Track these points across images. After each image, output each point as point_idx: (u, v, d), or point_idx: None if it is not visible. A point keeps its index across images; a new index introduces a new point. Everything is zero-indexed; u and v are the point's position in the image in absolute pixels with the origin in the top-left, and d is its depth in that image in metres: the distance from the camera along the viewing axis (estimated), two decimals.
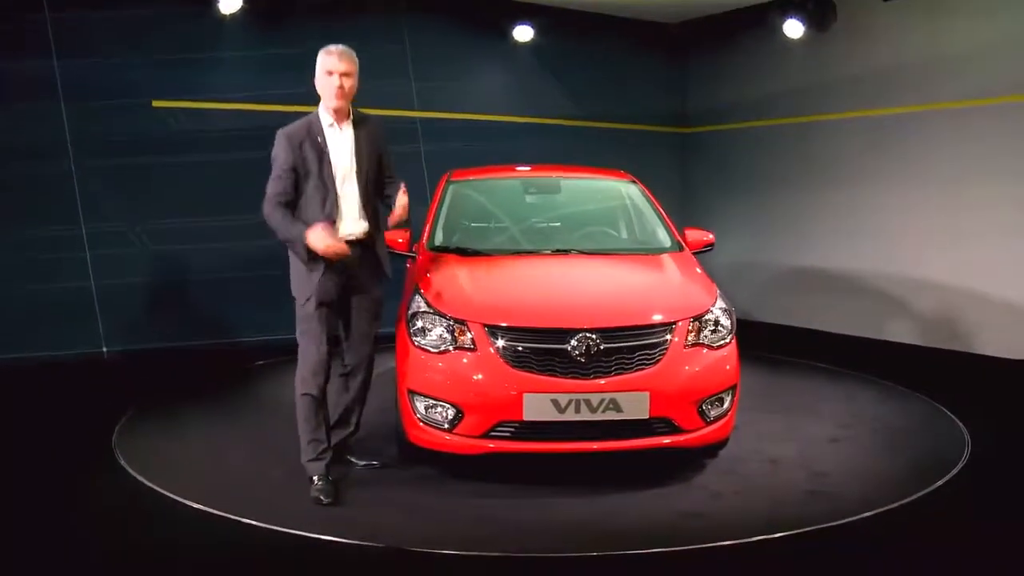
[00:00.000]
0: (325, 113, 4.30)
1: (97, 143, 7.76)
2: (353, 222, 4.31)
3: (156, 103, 8.03)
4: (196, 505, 4.13)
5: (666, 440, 4.32)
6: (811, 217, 9.24)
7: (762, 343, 8.35)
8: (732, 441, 4.87)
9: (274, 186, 4.22)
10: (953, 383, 6.72)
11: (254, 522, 3.92)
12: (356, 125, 4.36)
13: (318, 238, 4.05)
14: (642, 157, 10.20)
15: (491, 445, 4.27)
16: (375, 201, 4.45)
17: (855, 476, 4.62)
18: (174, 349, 7.89)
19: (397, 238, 5.31)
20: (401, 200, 4.30)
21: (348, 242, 4.21)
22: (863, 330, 8.64)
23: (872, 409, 5.97)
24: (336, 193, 4.25)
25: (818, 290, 9.16)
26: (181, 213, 8.03)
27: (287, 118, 4.36)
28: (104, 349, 7.91)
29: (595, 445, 4.27)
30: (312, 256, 4.14)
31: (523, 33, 9.46)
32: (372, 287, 4.45)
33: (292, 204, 4.24)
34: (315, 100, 4.36)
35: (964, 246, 7.79)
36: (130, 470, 4.64)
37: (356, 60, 4.31)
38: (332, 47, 4.25)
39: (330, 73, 4.22)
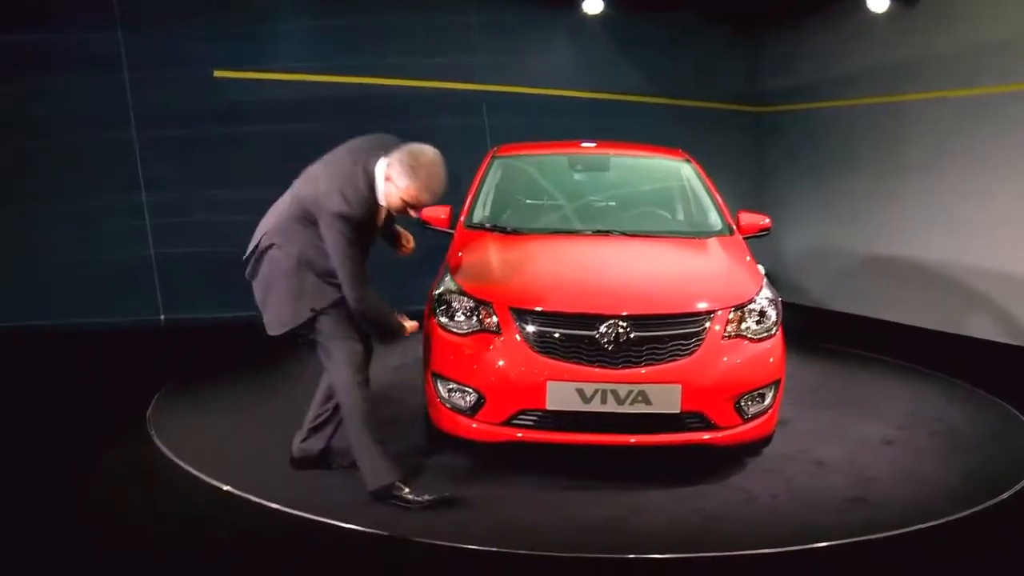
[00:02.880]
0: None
1: (158, 113, 7.82)
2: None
3: (218, 73, 8.06)
4: (216, 483, 4.08)
5: (698, 437, 4.07)
6: (889, 203, 8.72)
7: (831, 333, 7.97)
8: (778, 438, 4.60)
9: (359, 265, 3.85)
10: None
11: (267, 503, 3.86)
12: None
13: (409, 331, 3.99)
14: (714, 137, 9.85)
15: (513, 434, 4.09)
16: None
17: (905, 483, 4.29)
18: (230, 319, 7.92)
19: (439, 214, 5.17)
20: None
21: None
22: (938, 323, 8.13)
23: (936, 410, 5.57)
24: (368, 244, 4.02)
25: (894, 279, 8.65)
26: (239, 184, 8.03)
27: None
28: (162, 317, 8.01)
29: (621, 439, 4.04)
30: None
31: (593, 5, 9.16)
32: None
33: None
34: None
35: None
36: (159, 443, 4.63)
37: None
38: (436, 170, 3.82)
39: (414, 204, 3.85)
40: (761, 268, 8.75)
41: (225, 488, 4.03)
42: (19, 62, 7.35)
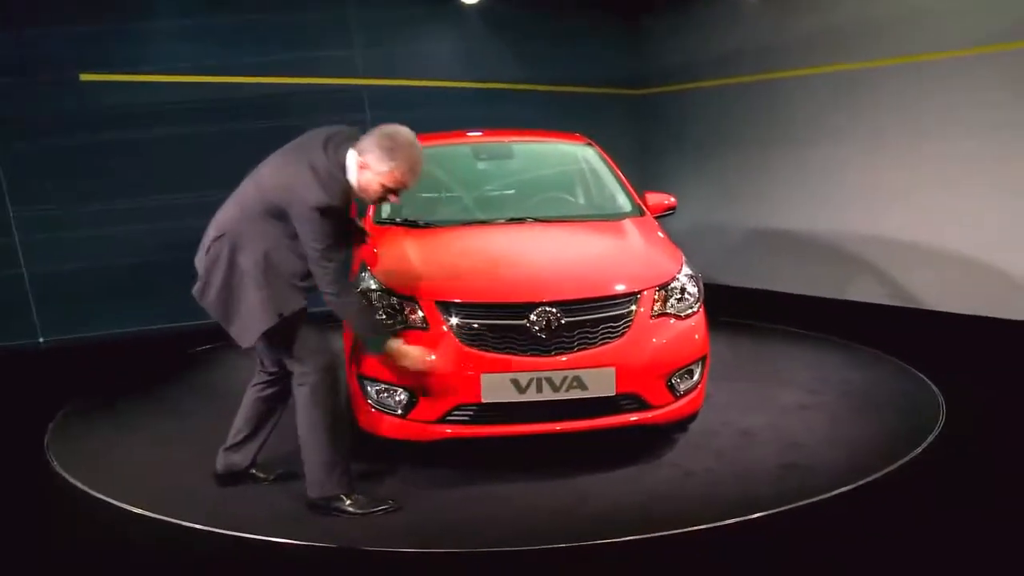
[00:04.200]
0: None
1: (21, 122, 7.32)
2: None
3: (84, 77, 7.60)
4: (131, 508, 3.84)
5: (635, 417, 4.07)
6: (771, 178, 9.04)
7: (725, 307, 8.17)
8: (702, 412, 4.65)
9: (338, 262, 3.63)
10: (917, 342, 6.55)
11: (197, 525, 3.65)
12: None
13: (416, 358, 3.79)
14: (597, 121, 9.92)
15: (448, 430, 4.00)
16: None
17: (829, 446, 4.42)
18: (115, 336, 7.54)
19: None
20: None
21: None
22: (825, 290, 8.49)
23: (840, 373, 5.79)
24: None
25: (779, 251, 8.98)
26: (116, 194, 7.62)
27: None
28: (40, 339, 7.53)
29: (559, 426, 4.00)
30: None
31: None
32: None
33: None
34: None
35: (922, 201, 7.63)
36: (62, 471, 4.32)
37: None
38: (416, 150, 3.60)
39: (396, 188, 3.62)
40: None
41: (140, 512, 3.79)
42: None
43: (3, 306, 7.34)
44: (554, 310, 3.95)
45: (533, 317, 3.94)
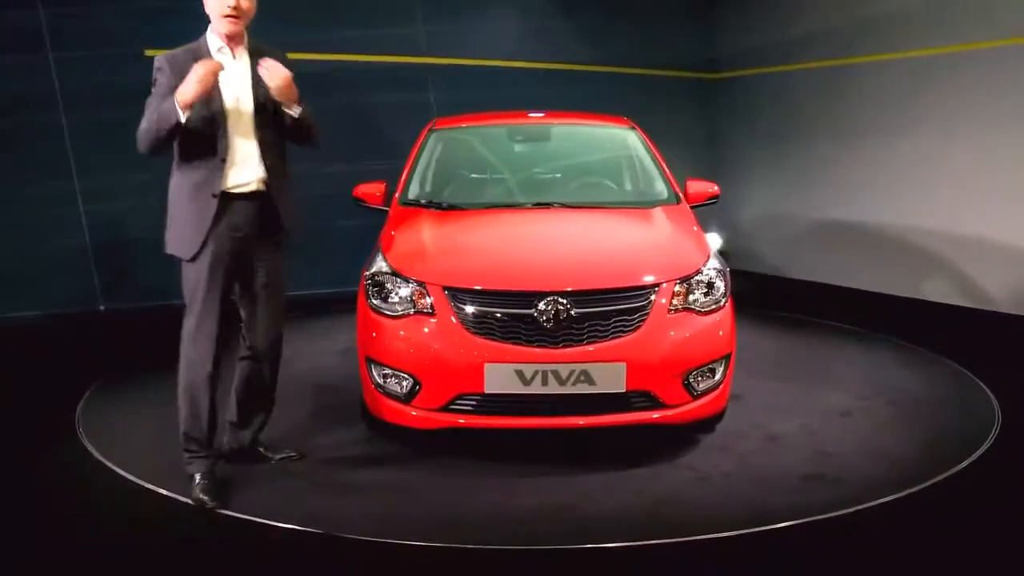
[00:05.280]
0: (214, 37, 3.58)
1: (88, 95, 7.46)
2: (248, 168, 3.59)
3: (149, 52, 7.70)
4: (140, 482, 3.84)
5: (646, 416, 3.86)
6: (844, 168, 8.57)
7: (787, 301, 7.83)
8: (732, 413, 4.42)
9: (151, 113, 3.45)
10: (984, 346, 6.13)
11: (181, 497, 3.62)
12: (254, 57, 3.60)
13: (196, 72, 3.33)
14: (668, 105, 9.67)
15: (451, 420, 3.87)
16: (278, 147, 3.72)
17: (864, 456, 4.12)
18: (173, 306, 7.64)
19: (373, 191, 4.94)
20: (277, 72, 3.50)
21: (242, 194, 3.58)
22: (894, 288, 8.02)
23: (894, 377, 5.43)
24: (226, 129, 3.53)
25: (849, 245, 8.51)
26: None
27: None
28: (101, 307, 7.70)
29: (564, 421, 3.83)
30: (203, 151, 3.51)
31: None
32: (270, 250, 3.73)
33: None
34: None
35: (1001, 198, 7.11)
36: (88, 444, 4.36)
37: None
38: None
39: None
40: (717, 238, 8.54)
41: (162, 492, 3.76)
42: None
43: (67, 273, 7.52)
44: (563, 300, 3.77)
45: (541, 307, 3.76)
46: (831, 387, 5.21)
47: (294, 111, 3.62)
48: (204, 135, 3.51)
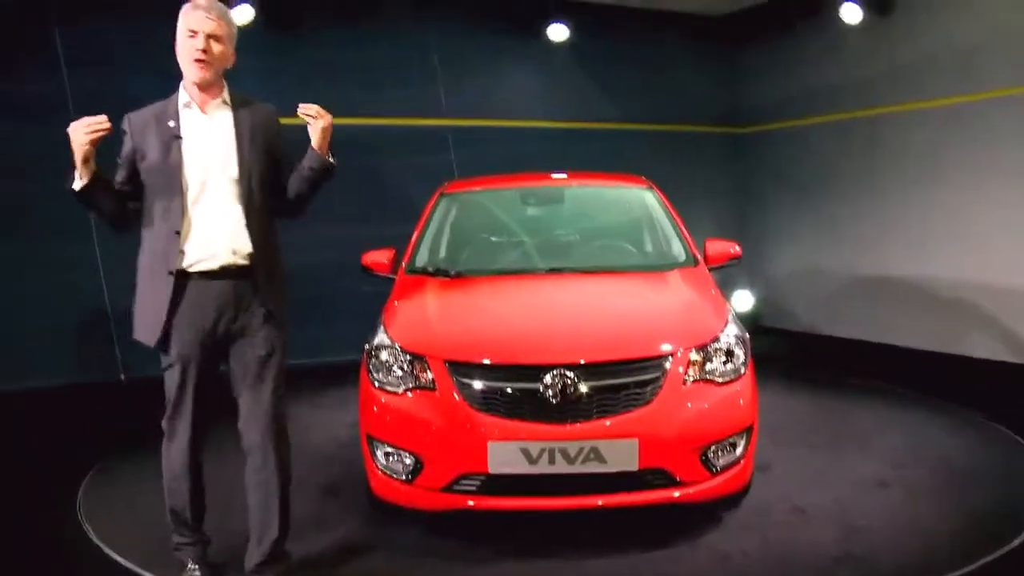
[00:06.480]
0: (184, 91, 3.22)
1: (109, 159, 7.47)
2: (215, 242, 3.16)
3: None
4: (132, 566, 3.68)
5: (661, 495, 3.62)
6: (877, 221, 8.31)
7: (822, 360, 7.54)
8: (757, 485, 4.16)
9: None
10: None
11: None
12: (236, 109, 3.26)
13: (74, 129, 2.96)
14: (695, 160, 9.53)
15: (455, 501, 3.65)
16: (266, 214, 3.29)
17: (900, 533, 3.83)
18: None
19: (381, 258, 4.82)
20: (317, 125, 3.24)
21: (207, 272, 3.16)
22: (937, 344, 7.68)
23: (937, 443, 5.12)
24: (184, 196, 3.11)
25: (885, 300, 8.21)
26: None
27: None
28: (122, 376, 7.63)
29: (575, 502, 3.60)
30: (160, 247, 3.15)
31: (558, 32, 8.85)
32: (259, 321, 3.24)
33: (128, 198, 3.22)
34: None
35: None
36: (85, 523, 4.21)
37: (232, 21, 3.23)
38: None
39: (193, 33, 3.11)
40: (748, 296, 8.24)
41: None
42: None
43: (87, 342, 7.45)
44: (570, 374, 3.56)
45: (547, 381, 3.56)
46: (866, 455, 4.92)
47: (330, 158, 3.32)
48: (159, 203, 3.15)
